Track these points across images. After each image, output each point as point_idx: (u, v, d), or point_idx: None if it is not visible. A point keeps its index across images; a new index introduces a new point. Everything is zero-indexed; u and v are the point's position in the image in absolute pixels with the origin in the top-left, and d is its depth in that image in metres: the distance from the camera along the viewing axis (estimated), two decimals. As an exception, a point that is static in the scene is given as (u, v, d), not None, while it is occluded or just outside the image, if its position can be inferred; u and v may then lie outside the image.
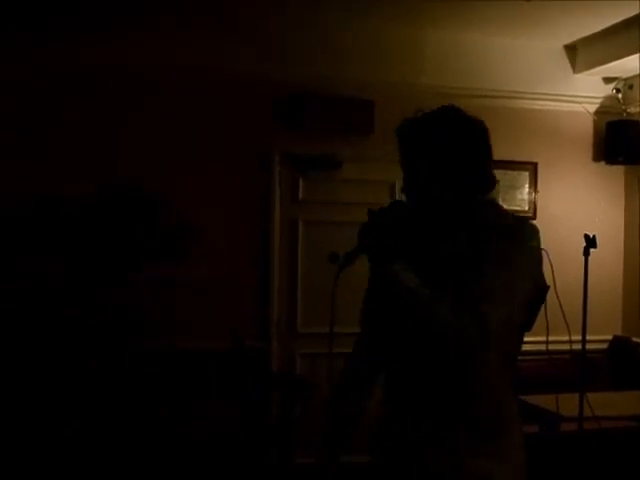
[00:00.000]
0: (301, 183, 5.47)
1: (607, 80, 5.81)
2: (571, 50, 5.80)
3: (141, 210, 4.94)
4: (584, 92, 5.85)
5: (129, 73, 5.05)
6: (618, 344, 5.81)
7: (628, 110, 5.78)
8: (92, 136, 4.93)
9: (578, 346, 3.78)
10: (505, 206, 2.13)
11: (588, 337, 3.87)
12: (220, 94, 5.25)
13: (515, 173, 5.76)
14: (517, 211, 5.41)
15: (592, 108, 5.92)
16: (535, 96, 5.77)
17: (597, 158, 5.96)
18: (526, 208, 5.74)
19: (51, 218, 4.77)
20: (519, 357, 2.08)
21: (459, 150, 1.97)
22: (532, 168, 5.83)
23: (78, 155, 4.88)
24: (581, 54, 5.74)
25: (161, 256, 4.91)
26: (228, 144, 5.25)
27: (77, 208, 4.80)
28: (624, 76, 5.71)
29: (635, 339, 5.76)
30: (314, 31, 5.32)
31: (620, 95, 5.75)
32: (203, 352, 4.92)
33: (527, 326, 2.03)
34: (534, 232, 1.99)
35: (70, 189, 4.79)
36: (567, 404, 3.83)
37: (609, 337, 5.84)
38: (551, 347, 3.69)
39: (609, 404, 4.21)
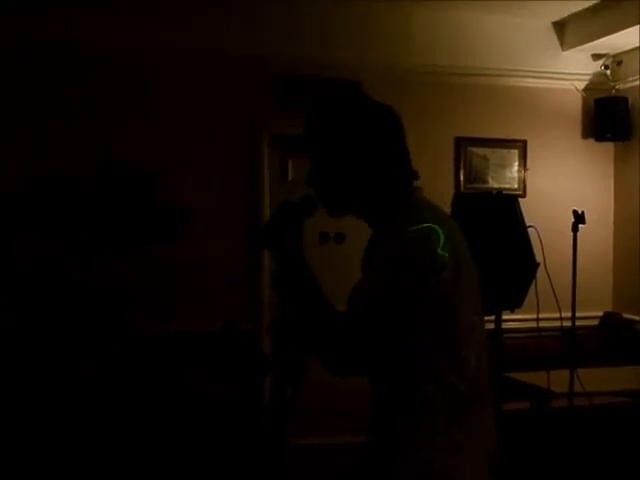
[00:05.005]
0: (290, 164, 5.45)
1: (596, 57, 5.80)
2: (559, 27, 5.77)
3: (136, 192, 4.94)
4: (573, 69, 5.84)
5: (127, 58, 5.06)
6: (609, 320, 5.83)
7: (617, 86, 5.78)
8: (90, 119, 4.95)
9: (569, 323, 3.80)
10: (495, 184, 2.11)
11: (579, 314, 3.89)
12: (210, 78, 5.23)
13: (504, 151, 5.76)
14: (507, 189, 5.40)
15: (581, 85, 5.91)
16: (524, 74, 5.75)
17: (586, 135, 5.96)
18: (515, 186, 5.72)
19: (50, 200, 4.78)
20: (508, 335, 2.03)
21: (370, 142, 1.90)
22: (521, 146, 5.82)
23: (77, 137, 4.89)
24: (570, 30, 5.72)
25: (155, 239, 4.89)
26: (218, 126, 5.23)
27: (76, 189, 4.81)
28: (612, 52, 5.69)
29: (626, 315, 5.79)
30: (300, 11, 5.27)
31: (609, 72, 5.74)
32: (195, 334, 4.92)
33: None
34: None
35: (69, 171, 4.79)
36: (558, 380, 3.85)
37: (600, 313, 5.87)
38: (542, 324, 3.75)
39: (600, 380, 4.23)
